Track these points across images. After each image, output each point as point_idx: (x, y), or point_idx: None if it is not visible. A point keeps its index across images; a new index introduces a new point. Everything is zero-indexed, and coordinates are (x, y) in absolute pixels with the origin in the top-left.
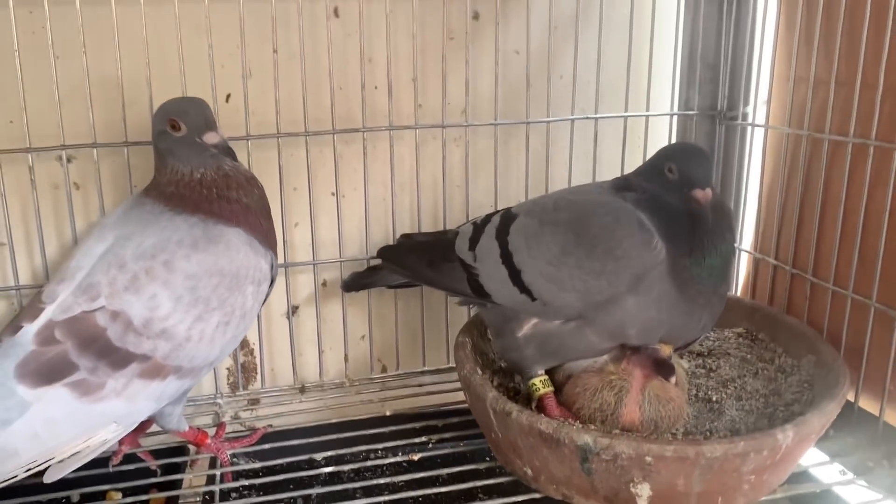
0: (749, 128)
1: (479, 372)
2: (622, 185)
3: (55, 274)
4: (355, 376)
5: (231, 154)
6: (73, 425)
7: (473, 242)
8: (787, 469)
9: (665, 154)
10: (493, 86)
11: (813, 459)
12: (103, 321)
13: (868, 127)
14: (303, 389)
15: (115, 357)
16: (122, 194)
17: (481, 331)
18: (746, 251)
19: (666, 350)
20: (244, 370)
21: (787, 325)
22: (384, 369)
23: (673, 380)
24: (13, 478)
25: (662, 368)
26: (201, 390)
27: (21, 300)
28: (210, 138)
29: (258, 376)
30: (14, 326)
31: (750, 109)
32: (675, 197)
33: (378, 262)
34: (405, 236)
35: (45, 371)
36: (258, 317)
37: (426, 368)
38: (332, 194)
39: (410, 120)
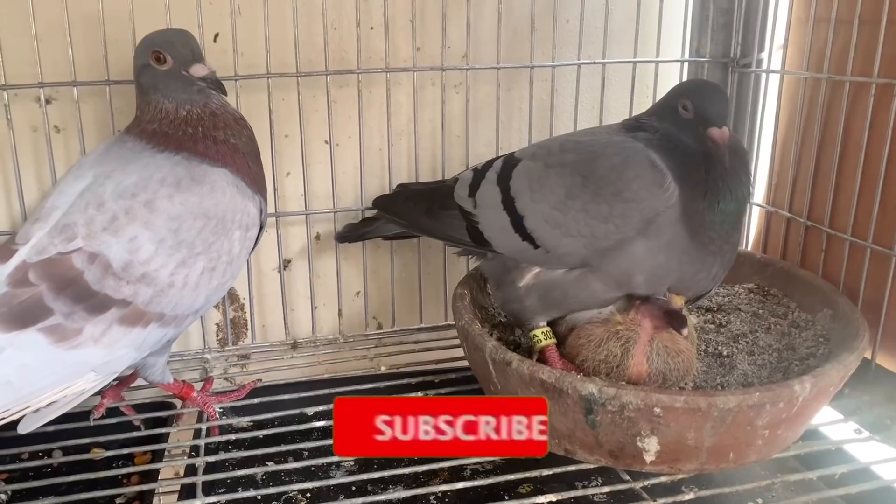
0: (763, 75)
1: (478, 324)
2: (633, 125)
3: (31, 214)
4: (349, 333)
5: (221, 88)
6: (48, 373)
7: (473, 189)
8: (802, 424)
9: (679, 91)
10: (496, 28)
11: (826, 418)
12: (80, 263)
13: (894, 66)
14: (294, 346)
15: (92, 302)
16: (104, 138)
17: (480, 284)
18: (758, 205)
19: (678, 301)
20: (234, 325)
21: (801, 279)
22: (379, 326)
23: (685, 331)
24: None
25: (674, 319)
26: (189, 345)
27: None
28: (197, 71)
29: (248, 332)
30: None
31: (765, 56)
32: (690, 136)
33: (373, 213)
34: (401, 186)
35: (18, 314)
36: (248, 271)
37: (423, 325)
38: (326, 142)
39: (408, 63)
